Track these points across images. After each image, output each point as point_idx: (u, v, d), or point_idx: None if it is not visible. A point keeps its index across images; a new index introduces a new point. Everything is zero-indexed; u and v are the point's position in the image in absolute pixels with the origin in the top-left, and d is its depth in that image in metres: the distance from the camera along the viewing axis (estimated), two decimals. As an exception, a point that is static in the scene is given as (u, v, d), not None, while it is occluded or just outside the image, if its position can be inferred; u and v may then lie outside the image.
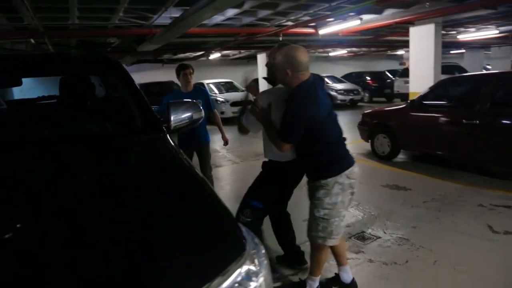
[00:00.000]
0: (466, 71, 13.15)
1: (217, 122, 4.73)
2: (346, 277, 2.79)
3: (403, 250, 3.45)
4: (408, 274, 3.08)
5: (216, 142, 4.87)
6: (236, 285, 1.05)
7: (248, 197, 2.86)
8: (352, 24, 7.93)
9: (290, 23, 8.45)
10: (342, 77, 18.27)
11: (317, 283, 2.70)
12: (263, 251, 1.25)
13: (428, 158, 6.55)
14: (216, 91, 13.49)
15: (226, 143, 4.93)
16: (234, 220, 1.35)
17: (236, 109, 12.81)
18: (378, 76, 18.50)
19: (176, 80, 4.94)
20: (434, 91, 6.07)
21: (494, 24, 11.07)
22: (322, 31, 8.67)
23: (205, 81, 13.74)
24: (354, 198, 4.48)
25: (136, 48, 10.20)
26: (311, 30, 8.91)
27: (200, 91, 4.55)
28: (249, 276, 1.09)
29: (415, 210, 4.37)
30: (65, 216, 1.21)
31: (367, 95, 17.21)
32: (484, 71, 11.51)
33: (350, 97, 15.92)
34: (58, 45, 9.95)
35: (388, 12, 7.81)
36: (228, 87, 14.05)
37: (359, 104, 16.07)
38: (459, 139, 5.41)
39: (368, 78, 18.21)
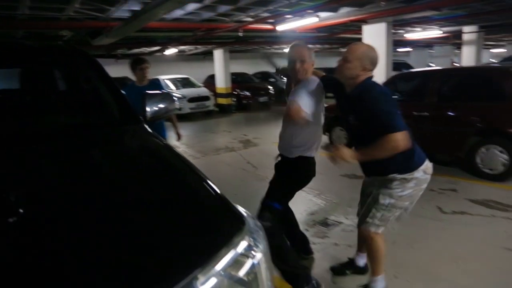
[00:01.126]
0: (412, 68, 13.99)
1: (171, 117, 4.66)
2: (361, 262, 2.95)
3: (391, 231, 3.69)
4: (397, 251, 3.30)
5: (174, 137, 4.90)
6: (239, 256, 1.14)
7: (267, 199, 2.77)
8: (309, 21, 8.16)
9: (249, 19, 8.55)
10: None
11: (383, 283, 2.63)
12: (262, 233, 1.33)
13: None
14: (173, 87, 13.34)
15: (179, 138, 4.90)
16: (228, 200, 1.43)
17: (193, 104, 12.78)
18: (331, 72, 19.03)
19: (130, 75, 4.84)
20: (387, 86, 6.43)
21: (438, 25, 11.83)
22: (280, 28, 8.85)
23: (161, 77, 13.52)
24: (316, 187, 4.72)
25: (90, 42, 9.86)
26: (270, 26, 9.07)
27: (155, 85, 4.47)
28: (250, 248, 1.18)
29: (373, 196, 4.66)
30: (62, 209, 1.21)
31: (322, 91, 17.74)
32: (432, 67, 12.22)
33: (306, 93, 16.35)
34: (1, 36, 9.41)
35: (344, 10, 8.12)
36: (185, 83, 13.93)
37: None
38: (410, 130, 5.80)
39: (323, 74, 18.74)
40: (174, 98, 12.07)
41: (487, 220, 3.87)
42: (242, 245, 1.16)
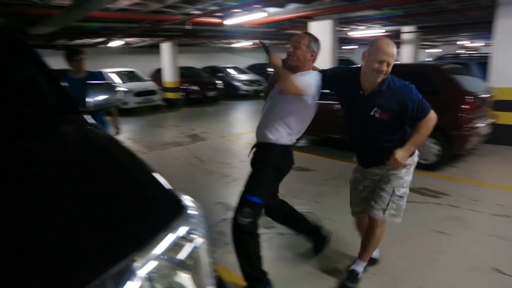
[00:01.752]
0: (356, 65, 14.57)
1: (111, 111, 4.46)
2: (375, 253, 2.98)
3: (308, 222, 3.82)
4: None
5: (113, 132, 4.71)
6: (179, 240, 1.15)
7: (245, 193, 2.55)
8: (257, 16, 8.24)
9: (197, 12, 8.46)
10: (246, 68, 18.77)
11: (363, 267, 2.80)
12: (204, 219, 1.35)
13: (328, 142, 7.21)
14: (118, 81, 12.88)
15: (117, 132, 4.64)
16: (168, 188, 1.43)
17: (140, 99, 12.43)
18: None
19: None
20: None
21: (380, 24, 12.42)
22: (228, 22, 8.86)
23: (106, 70, 13.00)
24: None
25: (26, 30, 9.26)
26: (218, 20, 9.03)
27: (94, 77, 4.23)
28: (190, 233, 1.20)
29: (318, 188, 4.84)
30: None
31: (270, 86, 17.95)
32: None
33: (254, 87, 16.48)
34: None
35: (291, 6, 8.29)
36: (131, 76, 13.51)
37: (262, 94, 16.61)
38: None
39: (271, 69, 18.90)
40: (119, 89, 11.75)
41: (420, 206, 4.16)
42: (182, 229, 1.18)
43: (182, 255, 1.14)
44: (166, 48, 14.19)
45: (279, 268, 3.03)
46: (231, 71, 17.25)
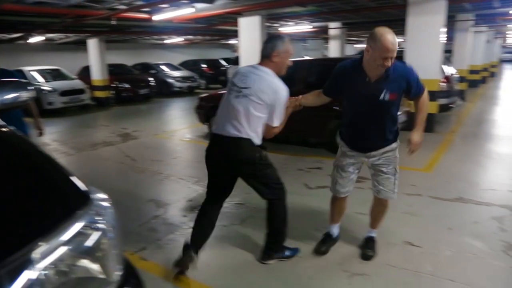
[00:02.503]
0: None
1: (31, 110, 4.11)
2: (336, 232, 3.29)
3: (239, 213, 3.93)
4: (244, 230, 3.56)
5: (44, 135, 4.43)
6: (83, 228, 1.16)
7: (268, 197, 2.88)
8: (185, 11, 8.16)
9: (123, 6, 8.19)
10: (178, 64, 18.50)
11: None
12: (111, 210, 1.36)
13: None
14: (41, 80, 12.08)
15: (40, 133, 4.28)
16: (73, 180, 1.42)
17: (66, 98, 11.77)
18: (213, 64, 19.36)
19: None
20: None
21: (308, 20, 12.87)
22: (156, 17, 8.67)
23: (26, 68, 12.14)
24: (195, 175, 4.84)
25: None
26: (145, 16, 8.80)
27: (5, 74, 3.72)
28: (95, 221, 1.21)
29: (249, 179, 4.95)
30: None
31: (203, 82, 17.84)
32: (299, 58, 13.11)
33: (187, 84, 16.30)
34: None
35: (220, 2, 8.31)
36: (55, 75, 12.70)
37: (196, 91, 16.52)
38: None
39: (204, 65, 18.88)
40: (44, 91, 11.06)
41: (344, 192, 4.43)
42: (87, 218, 1.19)
43: (87, 243, 1.15)
44: (93, 44, 13.54)
45: (212, 257, 3.09)
46: (164, 67, 16.89)
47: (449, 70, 8.36)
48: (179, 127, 9.18)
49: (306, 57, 16.88)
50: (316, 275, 2.83)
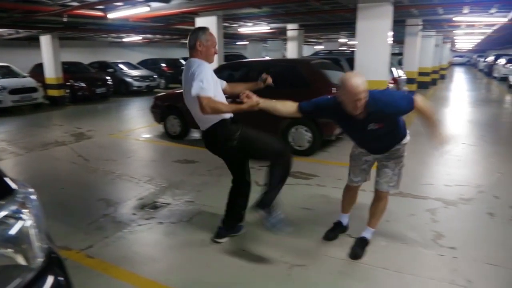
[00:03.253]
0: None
1: None
2: (346, 221, 3.44)
3: (188, 210, 4.00)
4: (192, 227, 3.63)
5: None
6: (5, 218, 1.22)
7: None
8: (141, 10, 8.09)
9: (76, 3, 7.99)
10: (137, 63, 18.20)
11: None
12: (35, 203, 1.41)
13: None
14: (-12, 77, 11.54)
15: None
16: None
17: (17, 97, 11.32)
18: (173, 63, 19.20)
19: None
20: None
21: (266, 22, 13.05)
22: (112, 15, 8.53)
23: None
24: (147, 174, 4.87)
25: None
26: (100, 13, 8.63)
27: None
28: (19, 212, 1.27)
29: (201, 178, 5.03)
30: None
31: (163, 81, 17.67)
32: (252, 59, 13.22)
33: (146, 83, 16.08)
34: None
35: (176, 1, 8.29)
36: (5, 72, 12.16)
37: (156, 90, 16.32)
38: (235, 115, 6.37)
39: (164, 65, 18.70)
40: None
41: (292, 188, 4.60)
42: (9, 209, 1.24)
43: (9, 231, 1.20)
44: (46, 41, 13.06)
45: (159, 253, 3.15)
46: (122, 66, 16.56)
47: (398, 72, 8.79)
48: (135, 126, 9.08)
49: (266, 58, 17.13)
50: (259, 267, 2.95)
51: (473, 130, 8.28)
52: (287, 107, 2.95)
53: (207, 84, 2.77)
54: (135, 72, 16.25)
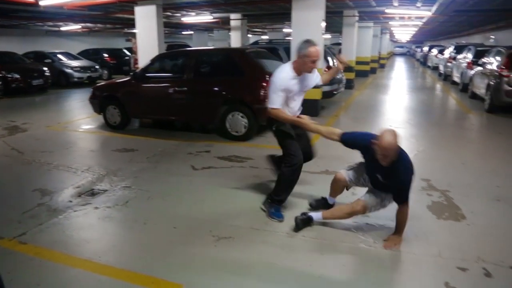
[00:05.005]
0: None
1: None
2: (332, 201, 3.70)
3: (124, 195, 4.12)
4: (127, 210, 3.77)
5: None
6: None
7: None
8: (75, -2, 7.92)
9: (3, -11, 7.66)
10: (78, 53, 17.54)
11: None
12: None
13: (158, 123, 7.53)
14: None
15: None
16: None
17: None
18: (116, 53, 18.69)
19: None
20: (153, 64, 6.97)
21: (208, 11, 13.12)
22: (44, 2, 8.22)
23: None
24: (85, 163, 4.91)
25: None
26: (31, 0, 8.32)
27: None
28: None
29: (139, 164, 5.14)
30: None
31: (106, 72, 17.17)
32: (188, 48, 13.14)
33: (88, 74, 15.55)
34: None
35: (112, -11, 8.20)
36: None
37: (98, 81, 15.85)
38: (175, 104, 6.52)
39: (106, 55, 18.15)
40: None
41: (227, 170, 4.86)
42: None
43: None
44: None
45: (94, 235, 3.27)
46: (61, 57, 15.88)
47: (333, 61, 9.26)
48: (75, 118, 8.88)
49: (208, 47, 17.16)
50: (188, 240, 3.17)
51: (401, 115, 8.97)
52: (330, 133, 3.23)
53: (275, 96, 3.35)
54: (75, 63, 15.65)
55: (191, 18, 13.88)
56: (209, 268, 2.78)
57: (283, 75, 3.35)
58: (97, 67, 16.20)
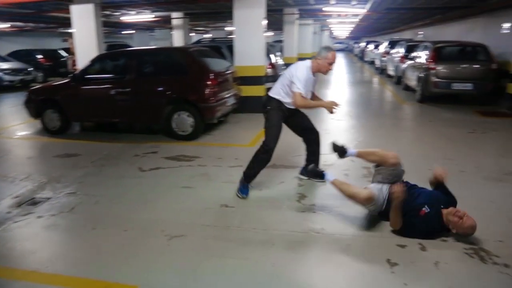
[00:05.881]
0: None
1: None
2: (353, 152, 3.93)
3: (69, 201, 3.99)
4: (73, 216, 3.66)
5: None
6: None
7: None
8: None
9: None
10: (7, 55, 16.38)
11: None
12: None
13: (101, 126, 7.30)
14: None
15: None
16: None
17: None
18: (51, 54, 17.68)
19: None
20: (93, 65, 6.74)
21: (149, 10, 12.85)
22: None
23: None
24: (24, 171, 4.69)
25: None
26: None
27: None
28: None
29: (83, 170, 4.98)
30: None
31: (40, 74, 16.19)
32: (129, 48, 12.85)
33: (20, 77, 14.55)
34: None
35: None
36: None
37: (32, 84, 14.96)
38: (118, 105, 6.36)
39: (40, 56, 17.12)
40: None
41: (175, 170, 4.86)
42: None
43: None
44: None
45: (39, 244, 3.15)
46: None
47: (275, 58, 9.49)
48: (8, 124, 8.34)
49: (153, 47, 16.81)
50: (141, 241, 3.15)
51: (342, 108, 9.36)
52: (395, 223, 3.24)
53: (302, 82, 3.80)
54: (4, 65, 14.56)
55: (131, 17, 13.52)
56: (164, 267, 2.80)
57: (307, 70, 3.86)
58: (30, 69, 15.24)
